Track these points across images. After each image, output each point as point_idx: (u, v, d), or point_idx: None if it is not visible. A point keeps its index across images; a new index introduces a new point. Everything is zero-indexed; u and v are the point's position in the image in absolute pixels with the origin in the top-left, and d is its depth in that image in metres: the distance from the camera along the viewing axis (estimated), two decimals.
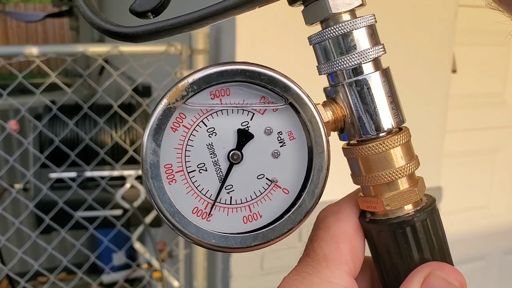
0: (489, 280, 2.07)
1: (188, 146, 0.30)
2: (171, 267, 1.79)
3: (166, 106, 0.30)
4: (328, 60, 0.32)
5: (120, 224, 1.69)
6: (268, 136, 0.31)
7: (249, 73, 0.30)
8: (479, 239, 2.00)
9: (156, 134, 0.30)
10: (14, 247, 1.69)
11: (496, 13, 0.31)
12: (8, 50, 1.53)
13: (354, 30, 0.31)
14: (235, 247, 0.31)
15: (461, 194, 1.90)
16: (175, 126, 0.30)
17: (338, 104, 0.32)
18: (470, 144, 1.95)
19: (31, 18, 7.16)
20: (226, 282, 1.58)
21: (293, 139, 0.31)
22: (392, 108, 0.32)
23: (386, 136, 0.32)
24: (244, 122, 0.30)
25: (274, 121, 0.31)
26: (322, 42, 0.32)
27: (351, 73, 0.31)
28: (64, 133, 1.68)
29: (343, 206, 0.34)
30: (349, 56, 0.31)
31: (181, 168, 0.30)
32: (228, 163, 0.31)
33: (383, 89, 0.32)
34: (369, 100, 0.31)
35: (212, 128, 0.30)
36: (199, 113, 0.30)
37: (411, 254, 0.32)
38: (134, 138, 1.75)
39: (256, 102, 0.30)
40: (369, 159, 0.32)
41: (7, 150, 1.78)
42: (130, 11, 0.29)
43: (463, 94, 1.84)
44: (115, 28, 0.30)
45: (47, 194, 1.60)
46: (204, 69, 0.30)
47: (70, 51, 1.49)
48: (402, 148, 0.32)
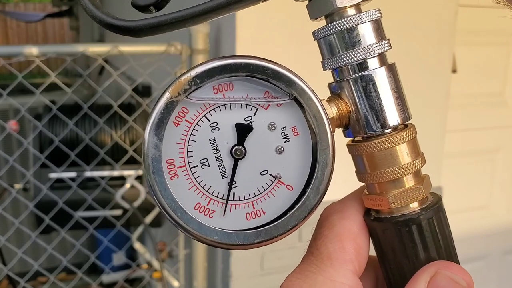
0: (489, 280, 2.07)
1: (191, 141, 0.30)
2: (171, 267, 1.79)
3: (169, 100, 0.29)
4: (332, 55, 0.31)
5: (120, 224, 1.69)
6: (272, 131, 0.30)
7: (252, 66, 0.29)
8: (479, 239, 2.00)
9: (158, 128, 0.29)
10: (14, 247, 1.69)
11: (497, 11, 0.31)
12: (8, 50, 1.53)
13: (359, 24, 0.30)
14: (238, 244, 0.30)
15: (461, 194, 1.90)
16: (178, 120, 0.30)
17: (343, 100, 0.31)
18: (470, 144, 1.95)
19: (31, 18, 7.16)
20: (226, 282, 1.58)
21: (297, 135, 0.30)
22: (397, 104, 0.31)
23: (392, 132, 0.31)
24: (248, 117, 0.30)
25: (278, 116, 0.30)
26: (326, 36, 0.31)
27: (356, 68, 0.31)
28: (64, 133, 1.68)
29: (347, 204, 0.34)
30: (354, 51, 0.30)
31: (184, 163, 0.30)
32: (231, 158, 0.30)
33: (389, 84, 0.31)
34: (375, 96, 0.31)
35: (215, 123, 0.30)
36: (201, 107, 0.30)
37: (417, 253, 0.32)
38: (134, 138, 1.74)
39: (259, 96, 0.30)
40: (374, 156, 0.31)
41: (7, 150, 1.78)
42: (132, 4, 0.29)
43: (463, 94, 1.84)
44: (116, 22, 0.29)
45: (47, 194, 1.60)
46: (207, 62, 0.29)
47: (70, 51, 1.49)
48: (408, 145, 0.31)
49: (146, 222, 1.65)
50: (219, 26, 1.50)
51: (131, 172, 1.68)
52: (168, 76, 1.53)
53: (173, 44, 1.42)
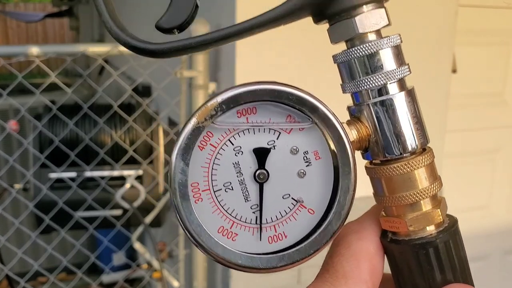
0: (489, 280, 2.07)
1: (215, 165, 0.30)
2: (171, 267, 1.79)
3: (195, 126, 0.29)
4: (353, 79, 0.32)
5: (120, 224, 1.69)
6: (294, 155, 0.30)
7: (277, 93, 0.29)
8: (480, 239, 2.00)
9: (184, 154, 0.29)
10: (14, 247, 1.69)
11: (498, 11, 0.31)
12: (8, 50, 1.53)
13: (380, 50, 0.31)
14: (261, 267, 0.31)
15: (461, 194, 1.90)
16: (203, 144, 0.30)
17: (363, 124, 0.32)
18: (470, 144, 1.95)
19: (31, 18, 7.16)
20: (226, 282, 1.58)
21: (319, 159, 0.31)
22: (416, 129, 0.32)
23: (411, 156, 0.32)
24: (271, 141, 0.30)
25: (300, 141, 0.30)
26: (347, 61, 0.32)
27: (376, 93, 0.31)
28: (64, 133, 1.68)
29: (364, 225, 0.34)
30: (374, 76, 0.31)
31: (208, 187, 0.30)
32: (254, 182, 0.30)
33: (408, 109, 0.32)
34: (394, 121, 0.31)
35: (238, 146, 0.30)
36: (226, 131, 0.30)
37: (433, 275, 0.32)
38: (134, 138, 1.74)
39: (282, 121, 0.30)
40: (393, 179, 0.32)
41: (7, 150, 1.78)
42: (156, 27, 0.30)
43: (463, 94, 1.84)
44: (141, 45, 0.30)
45: (47, 194, 1.60)
46: (233, 88, 0.30)
47: (70, 51, 1.49)
48: (426, 169, 0.32)
49: (146, 222, 1.65)
50: (220, 27, 1.50)
51: (131, 172, 1.68)
52: (168, 76, 1.53)
53: None
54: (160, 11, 0.31)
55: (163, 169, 1.71)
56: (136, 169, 1.69)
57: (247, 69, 1.29)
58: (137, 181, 1.68)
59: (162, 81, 1.59)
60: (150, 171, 1.69)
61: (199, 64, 1.47)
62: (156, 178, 1.70)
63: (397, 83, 0.31)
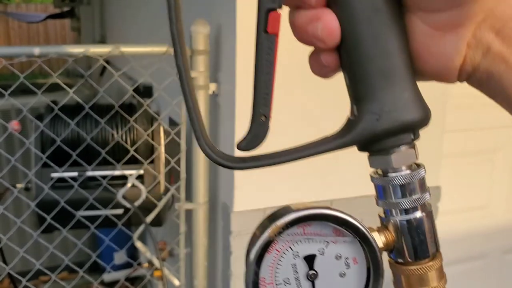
0: (488, 280, 2.07)
1: (278, 265, 0.38)
2: (171, 266, 1.80)
3: (267, 240, 0.37)
4: (385, 199, 0.39)
5: (121, 223, 1.70)
6: (338, 260, 0.39)
7: (330, 217, 0.38)
8: (479, 239, 2.00)
9: (258, 261, 0.38)
10: (16, 246, 1.70)
11: None
12: (10, 51, 1.54)
13: (410, 182, 0.38)
14: None
15: (460, 194, 1.91)
16: (270, 250, 0.38)
17: (390, 232, 0.40)
18: (470, 144, 1.96)
19: (32, 19, 7.18)
20: (226, 281, 1.59)
21: (356, 264, 0.39)
22: (431, 242, 0.39)
23: (425, 261, 0.39)
24: (321, 248, 0.38)
25: (343, 249, 0.39)
26: (382, 185, 0.39)
27: (403, 213, 0.39)
28: (66, 133, 1.69)
29: None
30: (403, 200, 0.38)
31: (271, 281, 0.38)
32: (307, 280, 0.38)
33: (427, 227, 0.39)
34: (415, 235, 0.39)
35: (297, 252, 0.38)
36: (288, 240, 0.38)
37: None
38: (135, 138, 1.75)
39: (330, 233, 0.38)
40: (411, 277, 0.39)
41: (9, 150, 1.78)
42: (238, 148, 0.37)
43: (463, 94, 1.84)
44: (228, 163, 0.37)
45: (49, 193, 1.61)
46: (298, 211, 0.38)
47: (72, 51, 1.50)
48: (436, 272, 0.39)
49: (147, 221, 1.66)
50: (220, 27, 1.51)
51: (132, 172, 1.69)
52: (169, 76, 1.54)
53: None
54: (160, 11, 0.32)
55: (164, 168, 1.71)
56: (137, 168, 1.70)
57: (247, 69, 1.30)
58: (138, 180, 1.68)
59: (163, 81, 1.60)
60: (151, 171, 1.70)
61: (200, 65, 1.48)
62: (157, 178, 1.71)
63: (420, 206, 0.39)
